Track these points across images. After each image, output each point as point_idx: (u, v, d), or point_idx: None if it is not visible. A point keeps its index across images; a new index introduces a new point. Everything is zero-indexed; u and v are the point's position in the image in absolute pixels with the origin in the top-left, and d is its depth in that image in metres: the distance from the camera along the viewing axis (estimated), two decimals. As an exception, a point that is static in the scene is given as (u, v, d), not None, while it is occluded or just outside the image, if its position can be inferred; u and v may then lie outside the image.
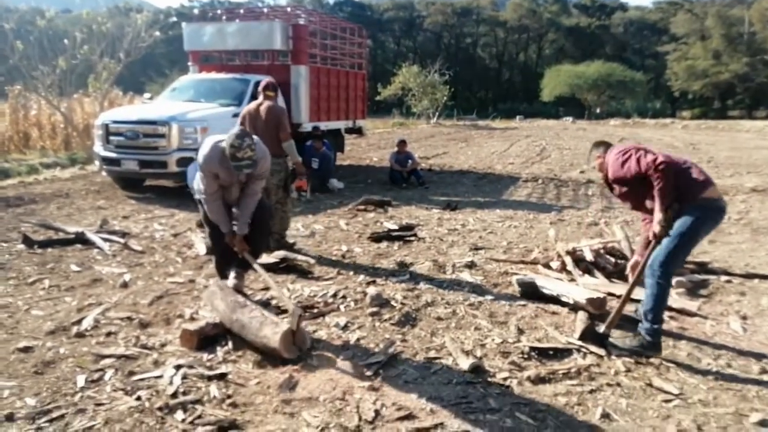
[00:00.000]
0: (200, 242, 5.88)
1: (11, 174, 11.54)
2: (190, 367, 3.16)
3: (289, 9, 11.68)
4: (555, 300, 4.24)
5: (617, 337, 3.56)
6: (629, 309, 3.81)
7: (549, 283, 4.35)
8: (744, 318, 4.11)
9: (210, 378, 3.05)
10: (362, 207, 7.93)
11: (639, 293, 4.07)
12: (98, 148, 8.78)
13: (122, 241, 5.87)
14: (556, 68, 49.95)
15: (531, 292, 4.37)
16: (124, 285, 4.61)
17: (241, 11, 11.92)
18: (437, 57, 38.66)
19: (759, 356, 3.48)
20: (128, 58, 12.87)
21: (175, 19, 14.38)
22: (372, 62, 63.02)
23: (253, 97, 9.68)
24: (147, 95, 11.03)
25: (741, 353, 3.53)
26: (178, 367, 3.13)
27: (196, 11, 12.53)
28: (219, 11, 11.96)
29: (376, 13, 73.16)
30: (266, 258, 5.11)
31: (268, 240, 4.38)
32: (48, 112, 15.73)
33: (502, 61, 71.60)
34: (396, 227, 6.59)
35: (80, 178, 10.47)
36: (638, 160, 3.41)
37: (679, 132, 27.32)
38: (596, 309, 3.97)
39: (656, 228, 3.39)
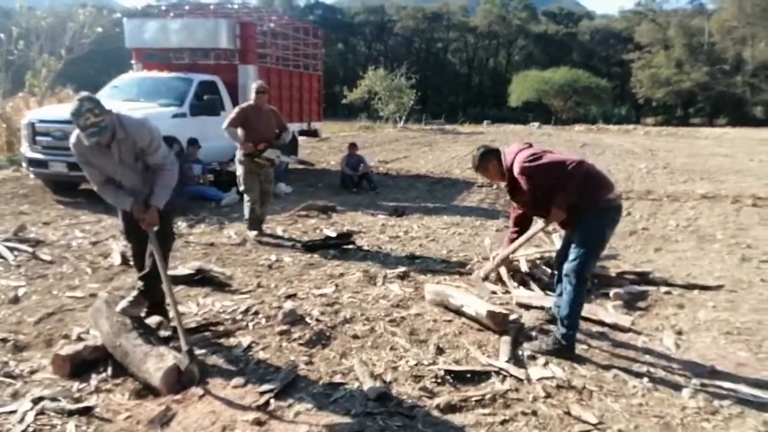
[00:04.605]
0: (118, 251, 5.46)
1: (-57, 176, 10.89)
2: (53, 399, 2.77)
3: (236, 6, 11.25)
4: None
5: (532, 344, 3.56)
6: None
7: (457, 293, 4.08)
8: (679, 333, 3.89)
9: (71, 413, 2.67)
10: (304, 213, 7.58)
11: (545, 300, 4.21)
12: (25, 148, 8.26)
13: (30, 250, 5.41)
14: (524, 74, 50.40)
15: (439, 302, 4.12)
16: (15, 300, 4.17)
17: (187, 8, 11.46)
18: (409, 61, 38.44)
19: (688, 376, 3.25)
20: (70, 55, 12.25)
21: (119, 15, 13.59)
22: (343, 65, 62.74)
23: (196, 97, 9.33)
24: (84, 94, 10.48)
25: (671, 373, 3.30)
26: (37, 400, 2.74)
27: (164, 7, 11.89)
28: (164, 7, 11.45)
29: (347, 17, 72.88)
30: (180, 269, 4.75)
31: (171, 239, 3.72)
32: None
33: (472, 66, 72.01)
34: (333, 235, 6.26)
35: (12, 180, 9.86)
36: (552, 163, 3.36)
37: (641, 138, 27.61)
38: (497, 325, 3.70)
39: (555, 217, 3.41)
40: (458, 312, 3.97)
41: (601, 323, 3.94)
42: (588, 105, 49.37)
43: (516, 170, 3.44)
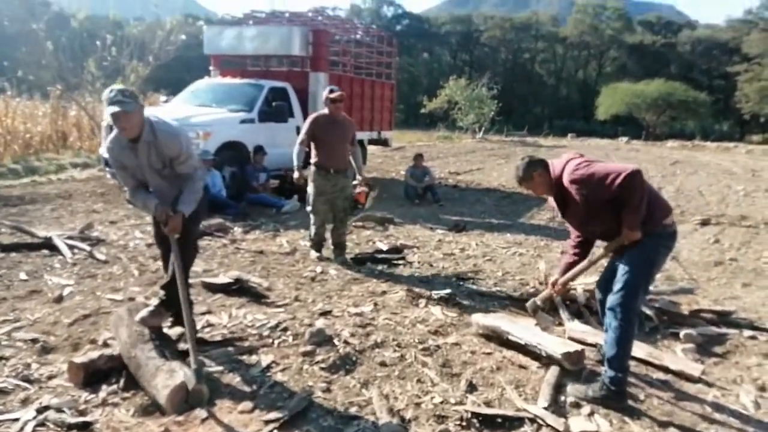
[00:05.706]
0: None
1: (39, 172, 11.75)
2: (58, 410, 2.71)
3: (311, 14, 11.34)
4: (526, 349, 3.57)
5: (577, 389, 3.13)
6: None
7: (517, 329, 3.68)
8: (761, 389, 3.33)
9: (71, 427, 2.59)
10: (360, 224, 7.41)
11: (600, 337, 3.58)
12: (103, 149, 8.63)
13: (87, 249, 5.57)
14: (613, 86, 47.95)
15: (494, 338, 3.75)
16: (59, 299, 4.25)
17: (264, 15, 11.69)
18: (493, 72, 37.68)
19: (767, 447, 2.73)
20: (157, 62, 12.91)
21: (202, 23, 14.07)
22: (428, 75, 62.61)
23: (266, 103, 9.43)
24: (163, 98, 10.96)
25: (744, 440, 2.79)
26: (42, 410, 2.69)
27: (242, 15, 12.25)
28: (243, 15, 11.76)
29: (434, 26, 72.84)
30: (221, 277, 4.69)
31: (194, 252, 3.60)
32: (90, 114, 16.11)
33: (560, 77, 69.77)
34: (384, 248, 6.03)
35: (94, 179, 10.41)
36: (605, 170, 2.95)
37: (742, 157, 25.41)
38: (573, 365, 3.31)
39: (629, 237, 2.98)
40: (507, 345, 3.62)
41: (665, 370, 3.44)
42: (684, 120, 46.28)
43: (566, 180, 3.06)
